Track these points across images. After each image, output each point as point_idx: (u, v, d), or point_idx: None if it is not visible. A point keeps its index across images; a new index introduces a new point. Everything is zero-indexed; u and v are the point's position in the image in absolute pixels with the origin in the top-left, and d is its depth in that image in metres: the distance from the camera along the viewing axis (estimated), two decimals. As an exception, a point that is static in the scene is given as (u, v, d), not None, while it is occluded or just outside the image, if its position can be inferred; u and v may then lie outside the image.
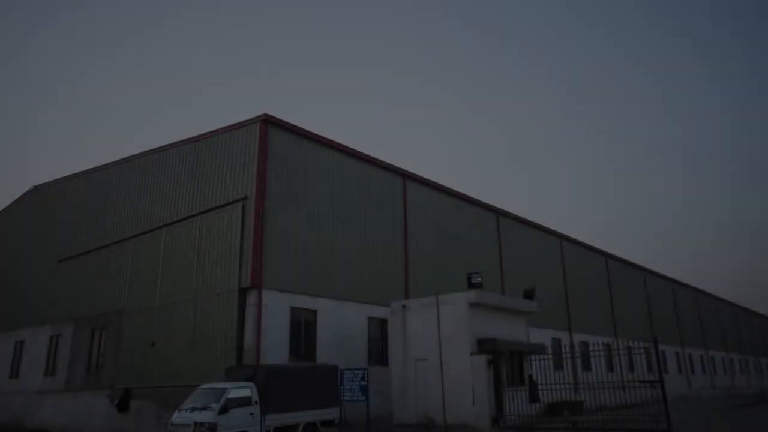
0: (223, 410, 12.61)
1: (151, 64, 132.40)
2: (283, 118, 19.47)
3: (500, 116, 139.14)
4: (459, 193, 27.67)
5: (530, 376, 18.53)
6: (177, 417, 13.08)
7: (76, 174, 28.87)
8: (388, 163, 23.75)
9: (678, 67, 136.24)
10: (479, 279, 18.37)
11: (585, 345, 33.15)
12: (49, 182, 31.05)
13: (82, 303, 25.00)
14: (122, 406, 20.02)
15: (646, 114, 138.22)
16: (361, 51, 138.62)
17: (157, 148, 23.82)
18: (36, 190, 32.03)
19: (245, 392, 13.29)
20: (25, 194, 32.84)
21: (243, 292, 17.65)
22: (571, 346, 29.66)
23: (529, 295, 20.75)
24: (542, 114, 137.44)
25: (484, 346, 17.16)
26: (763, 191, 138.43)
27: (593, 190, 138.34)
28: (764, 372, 68.96)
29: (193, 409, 12.84)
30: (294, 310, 18.41)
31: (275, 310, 17.71)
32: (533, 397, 17.88)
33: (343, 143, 21.72)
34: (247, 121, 19.41)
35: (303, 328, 18.69)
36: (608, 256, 41.07)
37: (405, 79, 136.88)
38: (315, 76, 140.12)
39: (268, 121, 18.99)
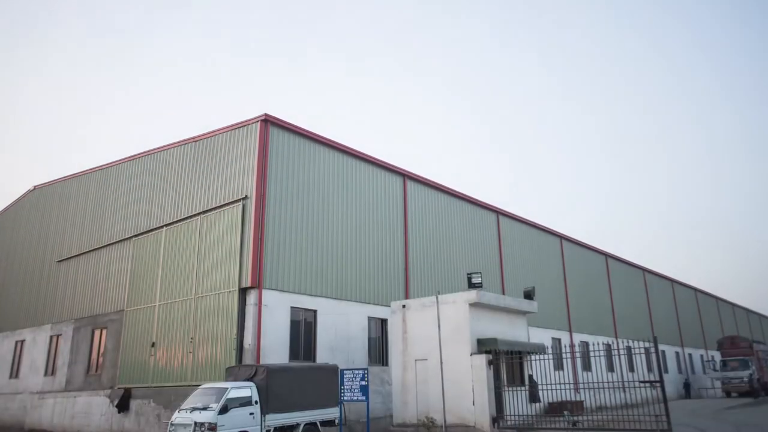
0: (223, 410, 12.62)
1: (151, 63, 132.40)
2: (283, 118, 19.48)
3: (500, 116, 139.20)
4: (459, 193, 27.68)
5: (530, 376, 18.53)
6: (177, 417, 13.09)
7: (76, 174, 28.89)
8: (388, 163, 23.76)
9: (681, 62, 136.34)
10: (479, 279, 18.36)
11: (585, 345, 33.18)
12: (49, 182, 31.07)
13: (82, 303, 25.02)
14: (122, 406, 20.04)
15: (647, 112, 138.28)
16: (362, 50, 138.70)
17: (157, 148, 23.83)
18: (36, 190, 32.05)
19: (245, 392, 13.30)
20: (25, 194, 32.85)
21: (243, 292, 17.66)
22: (571, 346, 29.69)
23: (529, 295, 20.74)
24: (543, 113, 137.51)
25: (484, 346, 17.16)
26: (764, 190, 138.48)
27: (593, 190, 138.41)
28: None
29: (193, 409, 12.85)
30: (294, 310, 18.42)
31: (275, 310, 17.72)
32: (533, 397, 17.87)
33: (343, 143, 21.74)
34: (247, 121, 19.41)
35: (303, 328, 18.69)
36: (608, 256, 41.09)
37: (405, 78, 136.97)
38: (315, 75, 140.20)
39: (268, 121, 18.99)
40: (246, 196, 18.46)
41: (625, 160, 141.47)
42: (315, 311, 19.09)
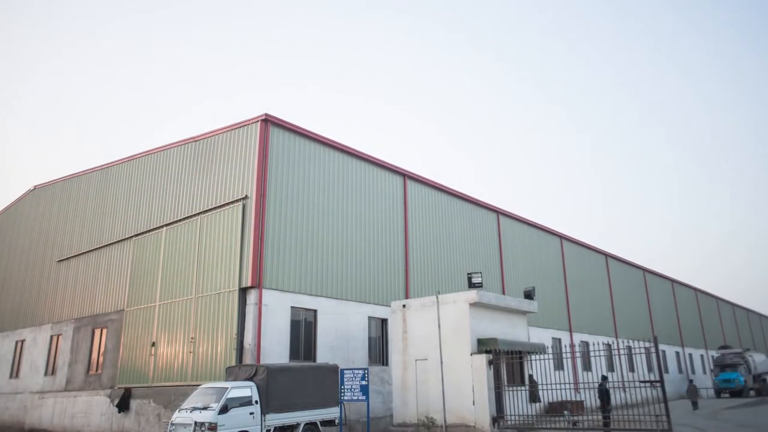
0: (224, 410, 12.64)
1: (152, 63, 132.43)
2: (283, 118, 19.48)
3: (500, 116, 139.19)
4: (459, 193, 27.68)
5: (530, 376, 18.53)
6: (177, 417, 13.10)
7: (76, 174, 28.89)
8: (388, 163, 23.75)
9: (678, 63, 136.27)
10: (480, 279, 18.35)
11: (585, 345, 33.18)
12: (49, 182, 31.07)
13: (82, 303, 25.01)
14: (122, 406, 20.04)
15: (647, 112, 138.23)
16: (362, 50, 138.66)
17: (157, 148, 23.83)
18: (36, 190, 32.05)
19: (245, 392, 13.30)
20: (25, 194, 32.86)
21: (243, 292, 17.66)
22: (571, 346, 29.69)
23: (529, 295, 20.75)
24: (542, 112, 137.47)
25: (484, 345, 17.16)
26: (763, 190, 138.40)
27: (593, 190, 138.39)
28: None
29: (194, 409, 12.86)
30: (294, 310, 18.42)
31: (275, 310, 17.71)
32: (533, 397, 17.87)
33: (343, 143, 21.73)
34: (247, 120, 19.41)
35: (303, 328, 18.69)
36: (608, 256, 41.09)
37: (406, 78, 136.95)
38: (315, 75, 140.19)
39: (268, 121, 18.99)
40: (246, 196, 18.46)
41: (625, 160, 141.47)
42: (315, 311, 19.09)
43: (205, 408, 12.72)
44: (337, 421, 15.59)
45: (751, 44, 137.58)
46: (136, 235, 23.00)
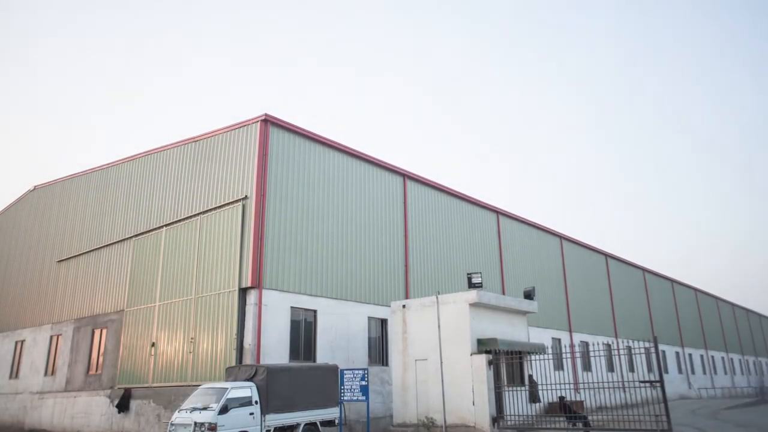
0: (223, 410, 12.63)
1: (151, 63, 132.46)
2: (283, 118, 19.48)
3: (501, 115, 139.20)
4: (459, 193, 27.68)
5: (530, 376, 18.52)
6: (177, 417, 13.10)
7: (76, 174, 28.89)
8: (388, 163, 23.75)
9: (675, 65, 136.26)
10: (479, 279, 18.33)
11: (585, 345, 33.18)
12: (49, 182, 31.07)
13: (82, 303, 25.01)
14: (122, 406, 20.05)
15: (646, 113, 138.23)
16: (362, 50, 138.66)
17: (157, 148, 23.84)
18: (36, 190, 32.05)
19: (245, 392, 13.30)
20: (25, 194, 32.86)
21: (243, 292, 17.66)
22: (571, 346, 29.70)
23: (529, 295, 20.74)
24: (542, 112, 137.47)
25: (484, 346, 17.15)
26: (763, 191, 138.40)
27: (593, 190, 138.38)
28: (764, 372, 68.98)
29: (193, 409, 12.86)
30: (294, 310, 18.42)
31: (275, 310, 17.71)
32: (533, 397, 17.85)
33: (343, 143, 21.73)
34: (247, 121, 19.41)
35: (303, 328, 18.69)
36: (608, 256, 41.09)
37: (406, 78, 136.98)
38: (316, 75, 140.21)
39: (268, 121, 19.00)
40: (246, 196, 18.46)
41: (625, 160, 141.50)
42: (315, 311, 19.09)
43: (204, 408, 12.71)
44: (337, 421, 15.59)
45: (760, 44, 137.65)
46: (136, 235, 23.00)
